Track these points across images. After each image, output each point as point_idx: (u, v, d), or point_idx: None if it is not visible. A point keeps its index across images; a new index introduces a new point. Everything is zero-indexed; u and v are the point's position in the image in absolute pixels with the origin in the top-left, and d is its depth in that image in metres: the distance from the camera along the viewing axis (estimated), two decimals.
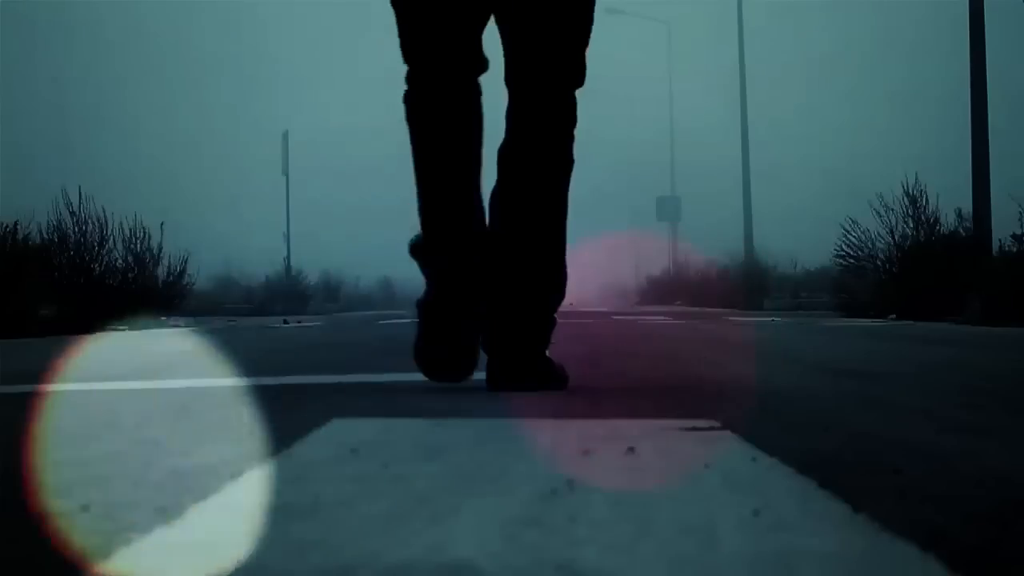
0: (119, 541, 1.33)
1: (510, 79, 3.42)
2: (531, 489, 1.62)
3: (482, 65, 3.40)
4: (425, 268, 3.45)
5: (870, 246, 13.75)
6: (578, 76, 3.43)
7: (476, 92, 3.40)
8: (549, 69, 3.38)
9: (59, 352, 6.71)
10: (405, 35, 3.37)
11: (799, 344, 6.66)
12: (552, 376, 3.39)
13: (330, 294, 29.27)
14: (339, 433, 2.30)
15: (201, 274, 15.50)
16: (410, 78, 3.38)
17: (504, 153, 3.43)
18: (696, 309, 22.98)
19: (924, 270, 12.42)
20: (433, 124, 3.36)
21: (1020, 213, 11.61)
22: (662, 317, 14.45)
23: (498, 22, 3.39)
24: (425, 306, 3.42)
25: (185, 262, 12.95)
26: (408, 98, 3.39)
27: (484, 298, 3.39)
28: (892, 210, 13.37)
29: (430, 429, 2.35)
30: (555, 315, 3.52)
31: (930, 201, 13.24)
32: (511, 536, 1.34)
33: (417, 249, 3.47)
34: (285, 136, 29.30)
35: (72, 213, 11.75)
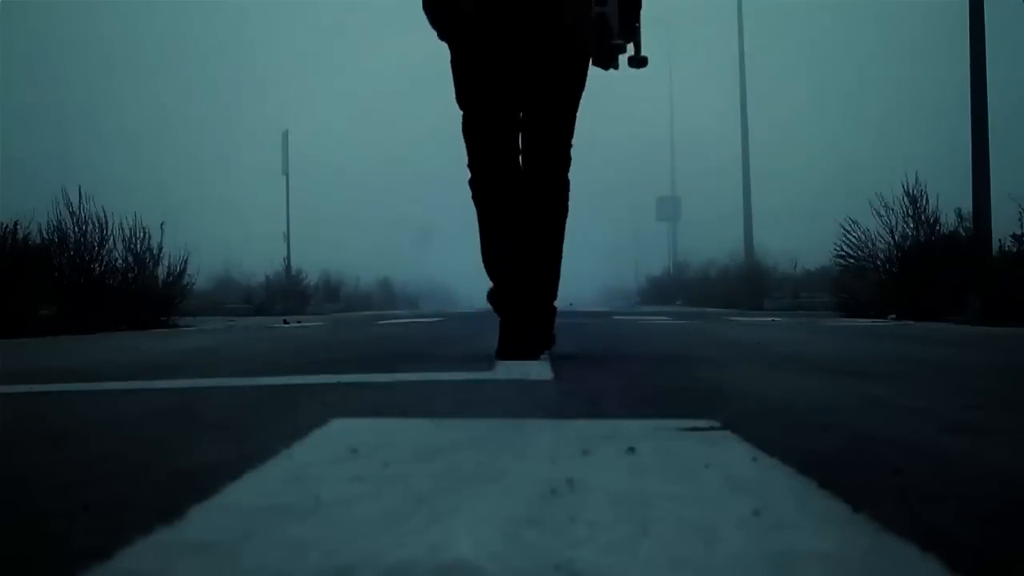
0: (119, 541, 1.33)
1: (525, 163, 4.87)
2: (531, 489, 1.62)
3: (518, 154, 4.88)
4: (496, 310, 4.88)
5: (870, 246, 13.74)
6: (566, 164, 4.93)
7: (519, 174, 4.85)
8: (548, 161, 4.88)
9: (59, 352, 6.71)
10: (472, 148, 4.83)
11: (799, 344, 6.66)
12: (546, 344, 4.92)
13: (330, 294, 29.24)
14: (339, 433, 2.30)
15: (201, 274, 15.46)
16: (473, 169, 4.86)
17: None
18: (696, 309, 22.98)
19: (924, 270, 12.41)
20: (494, 196, 4.83)
21: (1020, 213, 11.61)
22: (662, 317, 14.45)
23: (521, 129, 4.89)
24: (502, 325, 4.79)
25: (185, 262, 12.93)
26: (473, 184, 4.87)
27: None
28: (892, 210, 13.37)
29: (430, 429, 2.35)
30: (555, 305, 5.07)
31: (930, 201, 13.24)
32: (511, 536, 1.34)
33: (494, 296, 4.90)
34: (285, 136, 29.28)
35: (72, 213, 11.75)
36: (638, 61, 4.87)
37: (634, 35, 4.88)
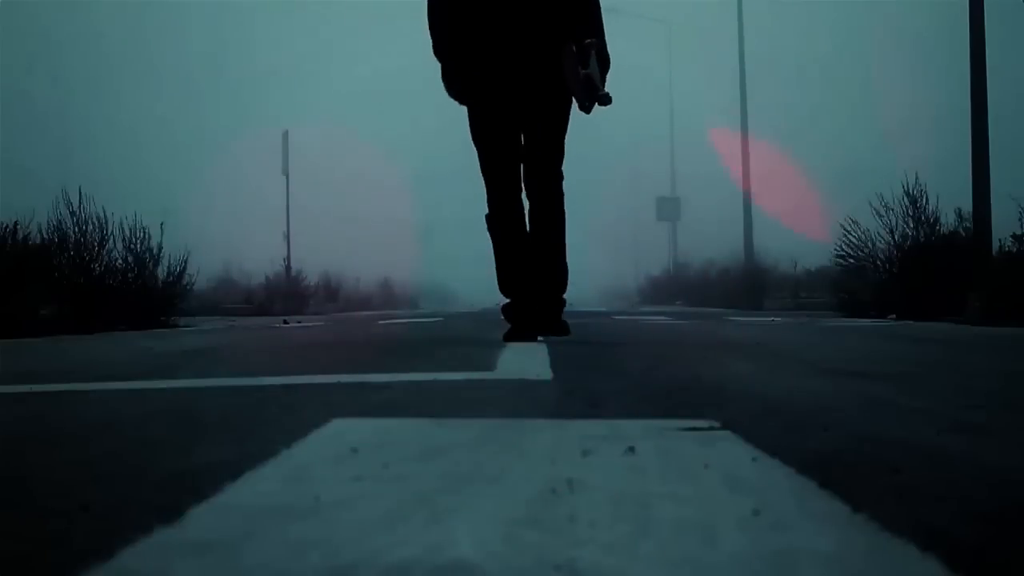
0: (119, 541, 1.33)
1: (526, 177, 6.29)
2: (531, 489, 1.62)
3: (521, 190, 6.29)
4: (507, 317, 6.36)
5: (870, 246, 13.72)
6: (560, 177, 6.30)
7: (522, 207, 6.30)
8: (548, 176, 6.27)
9: (59, 352, 6.71)
10: (489, 184, 6.24)
11: (799, 344, 6.66)
12: (564, 327, 6.29)
13: (330, 294, 29.22)
14: (339, 433, 2.30)
15: (201, 274, 15.42)
16: (490, 202, 6.27)
17: (530, 213, 6.31)
18: (696, 309, 22.98)
19: (924, 270, 12.40)
20: (504, 233, 6.28)
21: (1020, 213, 11.60)
22: (662, 317, 14.45)
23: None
24: (512, 324, 6.29)
25: (185, 262, 12.91)
26: (489, 218, 6.30)
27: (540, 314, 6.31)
28: (892, 210, 13.35)
29: (430, 429, 2.35)
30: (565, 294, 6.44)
31: (930, 201, 13.23)
32: (511, 536, 1.34)
33: (506, 309, 6.38)
34: (285, 136, 29.25)
35: (72, 213, 11.72)
36: (605, 99, 6.04)
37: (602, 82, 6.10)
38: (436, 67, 6.44)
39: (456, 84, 6.27)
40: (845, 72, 48.43)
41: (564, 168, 6.45)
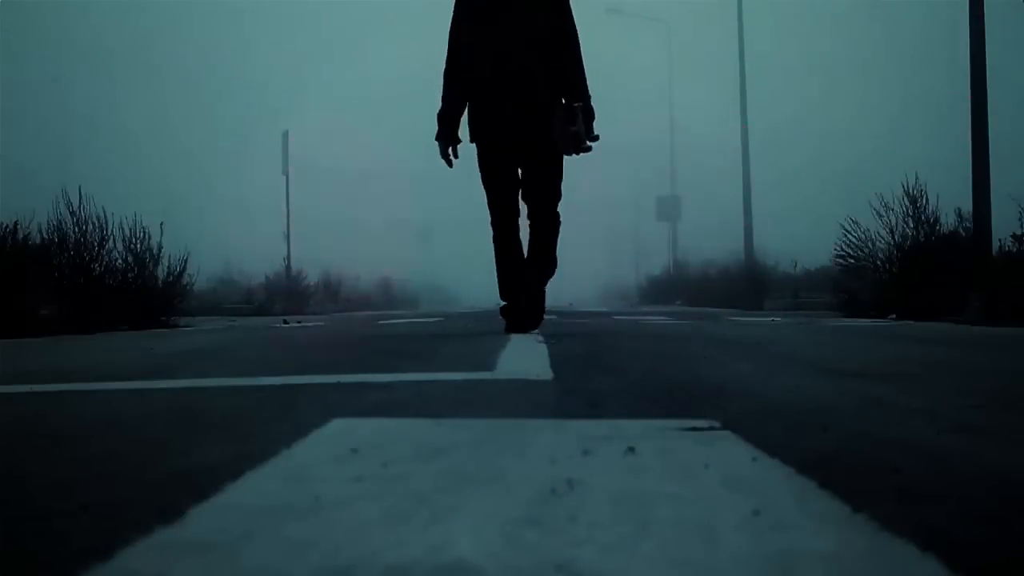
0: (119, 541, 1.33)
1: (526, 200, 7.55)
2: (531, 489, 1.62)
3: (519, 212, 7.56)
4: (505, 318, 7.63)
5: (870, 246, 13.71)
6: (557, 198, 7.55)
7: (518, 226, 7.51)
8: (545, 205, 7.51)
9: (59, 352, 6.71)
10: (491, 203, 7.45)
11: (799, 344, 6.66)
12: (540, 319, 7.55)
13: (330, 294, 29.21)
14: (339, 433, 2.30)
15: (201, 274, 15.39)
16: (492, 215, 7.45)
17: (529, 243, 7.52)
18: (696, 309, 22.98)
19: (924, 270, 12.40)
20: (503, 244, 7.47)
21: (1020, 213, 11.59)
22: (662, 317, 14.45)
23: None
24: (508, 321, 7.58)
25: (185, 262, 12.88)
26: (495, 238, 7.47)
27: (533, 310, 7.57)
28: (892, 210, 13.34)
29: (430, 429, 2.35)
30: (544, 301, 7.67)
31: (930, 201, 13.22)
32: (511, 536, 1.34)
33: (503, 310, 7.65)
34: (285, 136, 29.22)
35: (72, 213, 11.71)
36: (593, 139, 7.40)
37: (591, 131, 7.38)
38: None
39: (471, 131, 7.48)
40: (845, 72, 48.41)
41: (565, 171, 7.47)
